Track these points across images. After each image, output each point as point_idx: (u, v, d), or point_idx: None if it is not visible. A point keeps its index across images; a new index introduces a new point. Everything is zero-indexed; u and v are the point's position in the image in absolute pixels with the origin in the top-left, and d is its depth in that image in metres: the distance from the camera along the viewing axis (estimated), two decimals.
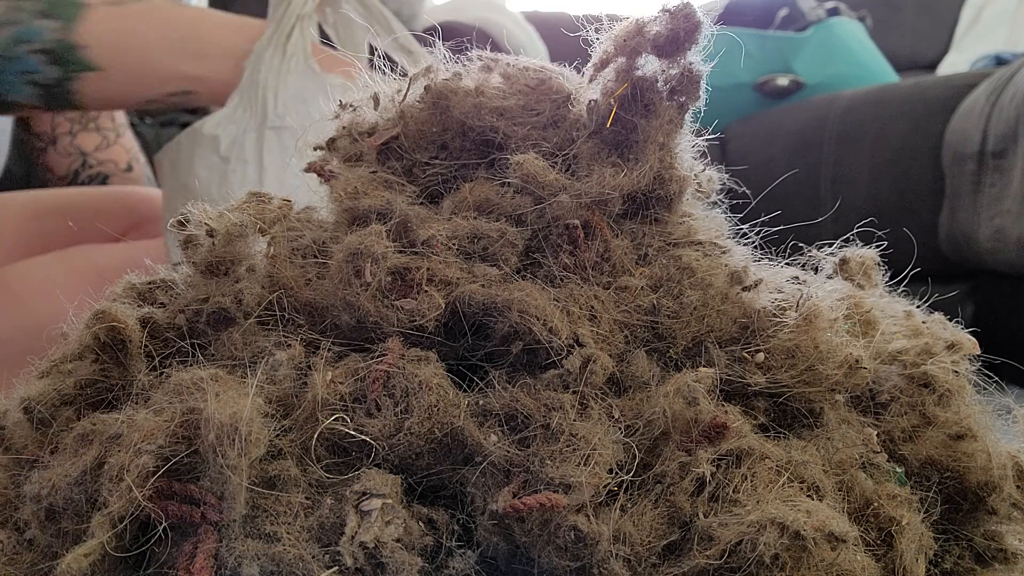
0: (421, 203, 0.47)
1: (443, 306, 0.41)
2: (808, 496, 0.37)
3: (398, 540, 0.34)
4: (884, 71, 2.07)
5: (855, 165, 1.62)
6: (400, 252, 0.43)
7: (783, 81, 1.98)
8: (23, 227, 1.13)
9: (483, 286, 0.41)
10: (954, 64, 2.47)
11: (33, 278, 1.02)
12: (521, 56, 0.53)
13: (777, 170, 1.60)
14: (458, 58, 0.53)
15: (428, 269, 0.41)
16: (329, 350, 0.41)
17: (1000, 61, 1.92)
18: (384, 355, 0.39)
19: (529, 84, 0.50)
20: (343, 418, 0.38)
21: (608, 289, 0.44)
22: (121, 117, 1.48)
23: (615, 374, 0.41)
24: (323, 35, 1.11)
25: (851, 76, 1.98)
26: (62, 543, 0.36)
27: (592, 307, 0.42)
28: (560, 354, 0.40)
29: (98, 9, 0.99)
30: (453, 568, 0.37)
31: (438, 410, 0.37)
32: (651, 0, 0.48)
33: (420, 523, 0.36)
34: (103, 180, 1.43)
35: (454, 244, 0.43)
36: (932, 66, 2.56)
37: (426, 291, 0.41)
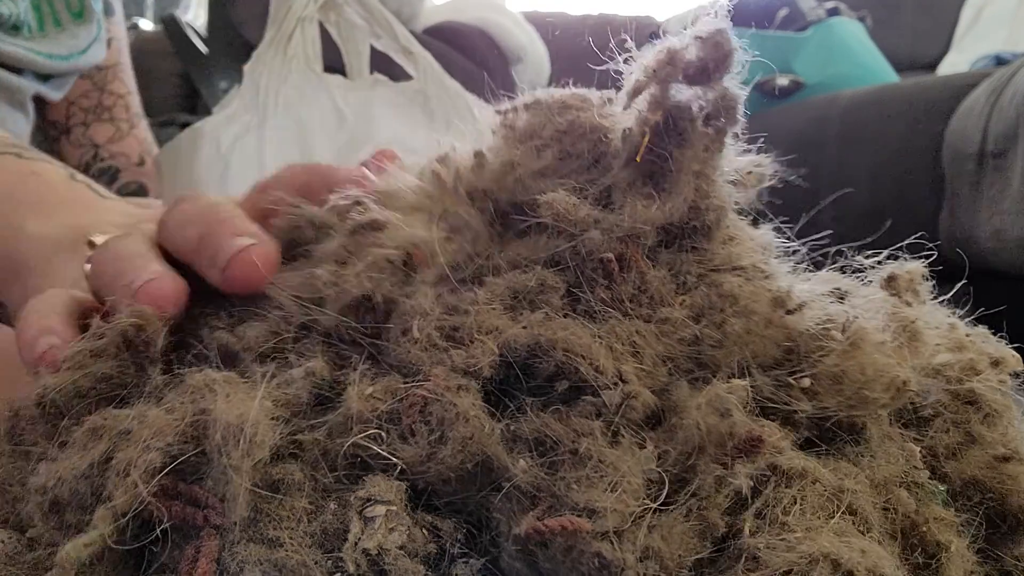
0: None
1: (496, 351, 0.40)
2: (859, 531, 0.37)
3: (402, 547, 0.34)
4: (884, 71, 2.07)
5: (855, 165, 1.62)
6: (448, 315, 0.42)
7: (783, 81, 1.98)
8: None
9: (526, 327, 0.41)
10: (954, 64, 2.48)
11: None
12: (537, 91, 0.51)
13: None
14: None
15: (476, 321, 0.41)
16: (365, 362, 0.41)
17: (1000, 61, 1.92)
18: (427, 380, 0.39)
19: (560, 128, 0.48)
20: (379, 436, 0.37)
21: (649, 322, 0.43)
22: (136, 106, 1.45)
23: (655, 408, 0.40)
24: (325, 35, 1.11)
25: (851, 76, 1.97)
26: (64, 535, 0.36)
27: (634, 342, 0.41)
28: (604, 392, 0.39)
29: None
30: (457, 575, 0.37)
31: (472, 442, 0.37)
32: (651, 0, 0.47)
33: (424, 530, 0.36)
34: (114, 173, 1.42)
35: (497, 301, 0.42)
36: (932, 66, 2.56)
37: (479, 339, 0.40)
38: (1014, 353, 0.50)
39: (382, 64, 1.12)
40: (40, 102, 1.36)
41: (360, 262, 0.44)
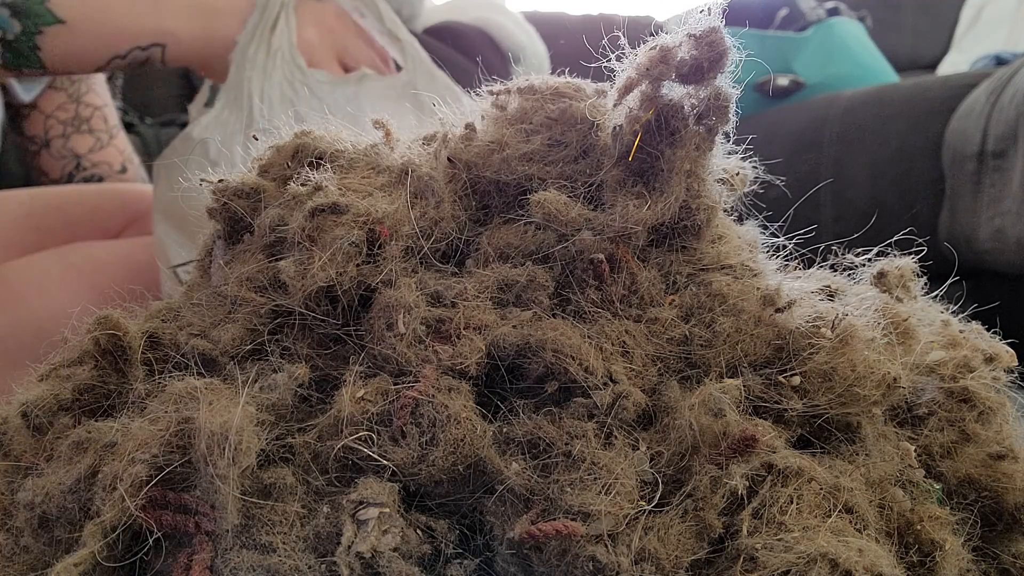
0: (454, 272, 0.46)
1: (484, 350, 0.40)
2: (856, 528, 0.37)
3: (395, 549, 0.34)
4: (884, 71, 2.07)
5: (855, 165, 1.61)
6: (432, 307, 0.42)
7: (783, 81, 1.98)
8: (20, 224, 1.13)
9: (515, 327, 0.41)
10: (954, 64, 2.47)
11: (31, 275, 1.01)
12: (532, 76, 0.51)
13: (777, 170, 1.59)
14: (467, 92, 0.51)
15: (464, 316, 0.41)
16: (360, 364, 0.41)
17: (1000, 61, 1.92)
18: (417, 381, 0.39)
19: (551, 116, 0.49)
20: (370, 438, 0.37)
21: (639, 322, 0.43)
22: (114, 119, 1.48)
23: (647, 408, 0.40)
24: None
25: (851, 76, 1.97)
26: (55, 552, 0.35)
27: (624, 342, 0.41)
28: (594, 392, 0.39)
29: None
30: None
31: (464, 444, 0.37)
32: (651, 0, 0.46)
33: (418, 531, 0.36)
34: (97, 182, 1.43)
35: (485, 294, 0.43)
36: (932, 66, 2.56)
37: (466, 335, 0.40)
38: (1008, 349, 0.49)
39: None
40: (16, 118, 1.37)
41: (324, 250, 0.43)
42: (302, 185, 0.46)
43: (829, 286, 0.48)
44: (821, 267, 0.52)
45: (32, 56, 0.94)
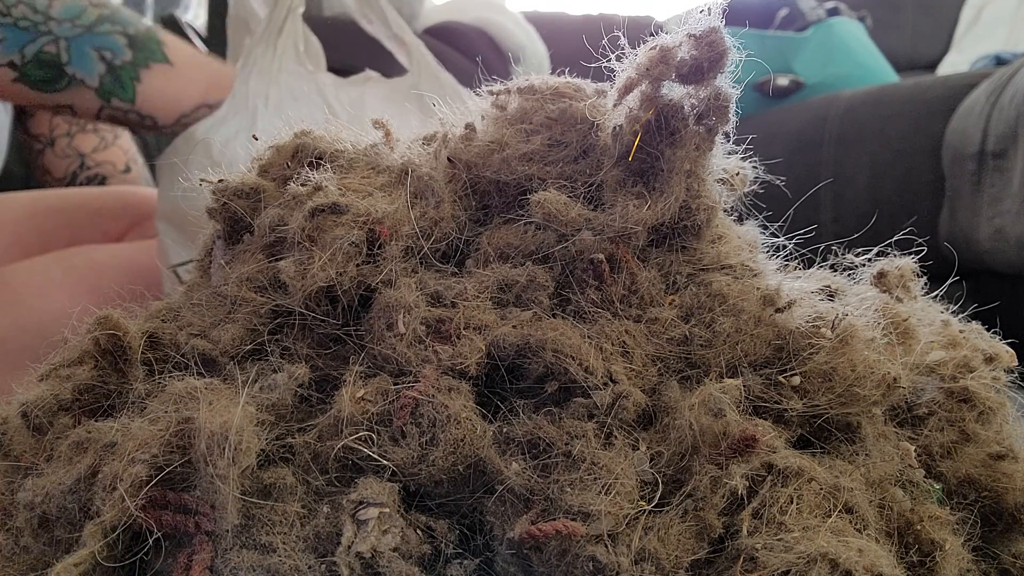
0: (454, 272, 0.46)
1: (484, 350, 0.40)
2: (856, 528, 0.37)
3: (395, 549, 0.34)
4: (884, 71, 2.07)
5: (855, 165, 1.61)
6: (432, 307, 0.42)
7: (783, 81, 1.98)
8: (22, 227, 1.13)
9: (515, 327, 0.41)
10: (954, 64, 2.48)
11: (33, 278, 1.01)
12: (532, 76, 0.51)
13: (777, 170, 1.58)
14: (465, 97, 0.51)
15: (464, 316, 0.41)
16: (360, 364, 0.41)
17: (1000, 61, 1.92)
18: (417, 381, 0.39)
19: (551, 116, 0.49)
20: (370, 438, 0.37)
21: (639, 322, 0.43)
22: None
23: (647, 408, 0.40)
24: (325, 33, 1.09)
25: (851, 76, 1.97)
26: (55, 552, 0.36)
27: (624, 343, 0.41)
28: (594, 392, 0.39)
29: None
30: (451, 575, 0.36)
31: (464, 444, 0.37)
32: (651, 0, 0.46)
33: (418, 531, 0.36)
34: (101, 181, 1.43)
35: (485, 294, 0.43)
36: (932, 66, 2.56)
37: (466, 335, 0.40)
38: (1008, 349, 0.49)
39: (376, 61, 1.10)
40: (21, 117, 1.38)
41: (324, 250, 0.43)
42: (302, 185, 0.46)
43: (829, 286, 0.48)
44: (821, 267, 0.52)
45: (129, 87, 0.99)
